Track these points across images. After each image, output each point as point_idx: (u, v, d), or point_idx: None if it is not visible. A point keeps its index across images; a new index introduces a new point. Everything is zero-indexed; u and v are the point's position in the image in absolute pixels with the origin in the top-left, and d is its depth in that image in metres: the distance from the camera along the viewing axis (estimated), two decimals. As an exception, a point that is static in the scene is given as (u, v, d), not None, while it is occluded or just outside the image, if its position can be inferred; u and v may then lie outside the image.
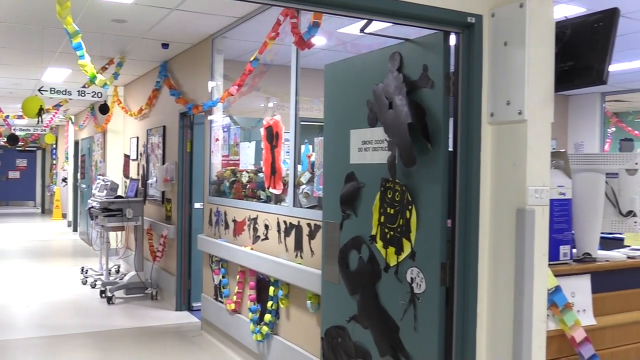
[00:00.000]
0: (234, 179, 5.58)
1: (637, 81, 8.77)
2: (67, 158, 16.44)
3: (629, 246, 3.32)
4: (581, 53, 2.81)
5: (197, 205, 6.93)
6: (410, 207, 2.92)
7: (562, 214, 2.73)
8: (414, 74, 2.92)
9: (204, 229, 6.20)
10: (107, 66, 7.64)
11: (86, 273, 8.88)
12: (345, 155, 3.41)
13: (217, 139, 6.04)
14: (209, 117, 6.14)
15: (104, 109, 9.07)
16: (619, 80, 8.68)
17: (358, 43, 6.14)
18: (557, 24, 2.78)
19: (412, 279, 2.91)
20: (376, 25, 2.90)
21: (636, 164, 2.96)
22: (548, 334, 2.65)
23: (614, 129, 10.38)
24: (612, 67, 7.32)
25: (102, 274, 8.41)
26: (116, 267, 9.11)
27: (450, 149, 2.83)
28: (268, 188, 4.85)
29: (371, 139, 3.20)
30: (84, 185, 13.37)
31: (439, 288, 2.78)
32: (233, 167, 5.78)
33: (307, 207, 4.28)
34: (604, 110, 10.01)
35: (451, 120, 2.83)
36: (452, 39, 2.82)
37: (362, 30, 2.99)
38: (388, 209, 3.07)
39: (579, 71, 2.80)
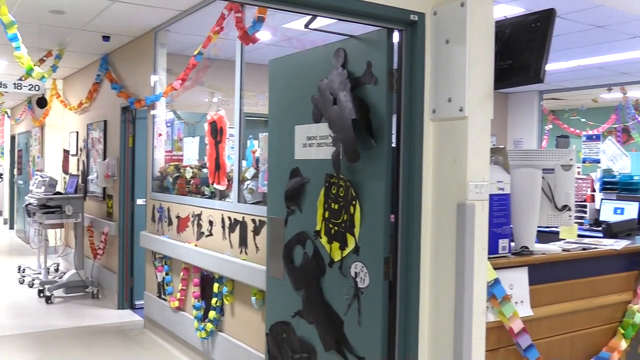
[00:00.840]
0: (177, 174, 5.50)
1: (572, 80, 9.08)
2: (2, 153, 15.86)
3: (564, 239, 3.45)
4: (519, 52, 2.88)
5: (139, 201, 6.80)
6: (354, 202, 2.94)
7: (501, 209, 2.80)
8: (358, 70, 2.94)
9: (146, 226, 6.09)
10: (45, 58, 7.40)
11: (23, 272, 8.60)
12: (290, 150, 3.40)
13: (160, 134, 5.94)
14: (152, 112, 6.03)
15: (42, 102, 8.79)
16: (555, 79, 8.96)
17: (303, 39, 6.14)
18: (497, 23, 2.84)
19: (356, 273, 2.93)
20: (321, 21, 2.90)
21: (571, 160, 3.06)
22: (487, 326, 2.72)
23: (551, 126, 10.72)
24: (549, 66, 7.55)
25: (40, 273, 8.15)
26: (55, 265, 8.85)
27: (394, 145, 2.86)
28: (212, 184, 4.81)
29: (316, 135, 3.21)
30: (21, 182, 12.94)
31: (382, 282, 2.81)
32: (176, 163, 5.70)
33: (252, 203, 4.26)
34: (541, 108, 10.32)
35: (394, 117, 2.86)
36: (396, 36, 2.85)
37: (306, 26, 2.99)
38: (332, 204, 3.09)
39: (517, 69, 2.87)
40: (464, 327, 2.62)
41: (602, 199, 8.39)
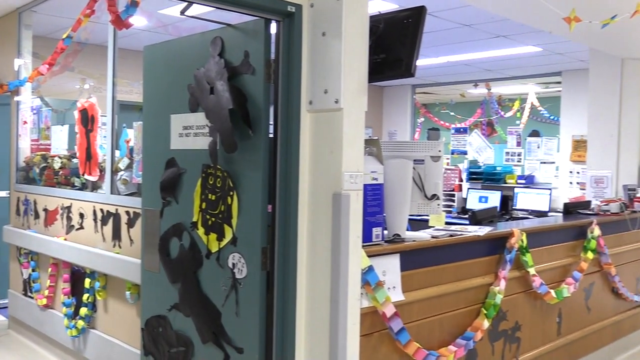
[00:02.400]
0: (44, 165, 5.20)
1: (442, 75, 9.54)
2: None
3: (433, 227, 3.62)
4: (392, 47, 2.98)
5: (2, 193, 6.36)
6: (231, 193, 2.92)
7: (374, 198, 2.89)
8: (235, 60, 2.91)
9: (10, 220, 5.71)
10: None
11: None
12: (166, 140, 3.32)
13: (25, 122, 5.57)
14: (16, 98, 5.64)
15: None
16: (427, 74, 9.38)
17: (179, 25, 5.99)
18: (371, 18, 2.92)
19: (233, 264, 2.92)
20: (198, 9, 2.85)
21: (439, 151, 3.22)
22: (362, 311, 2.80)
23: (423, 119, 11.20)
24: (421, 62, 7.85)
25: None
26: None
27: (271, 135, 2.87)
28: (83, 174, 4.59)
29: (192, 125, 3.15)
30: None
31: (260, 272, 2.82)
32: (44, 152, 5.38)
33: (126, 195, 4.12)
34: (414, 101, 10.76)
35: (272, 107, 2.87)
36: (273, 27, 2.85)
37: (182, 12, 2.92)
38: (209, 195, 3.05)
39: (390, 63, 2.97)
40: (339, 314, 2.69)
41: (468, 188, 8.91)
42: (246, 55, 2.86)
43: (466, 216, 6.34)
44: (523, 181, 8.96)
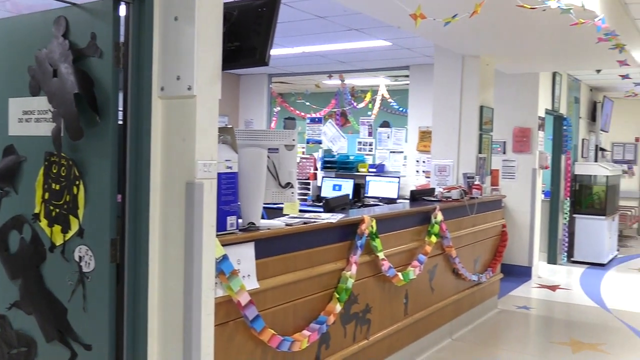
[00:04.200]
0: None
1: (298, 65, 9.67)
2: None
3: (287, 214, 3.67)
4: (247, 35, 2.97)
5: None
6: (77, 182, 2.78)
7: (229, 187, 2.87)
8: (81, 42, 2.76)
9: None
10: None
11: None
12: (3, 126, 3.08)
13: None
14: None
15: None
16: (283, 63, 9.46)
17: (19, 2, 5.56)
18: (225, 5, 2.89)
19: (80, 257, 2.78)
20: (37, -15, 2.66)
21: (293, 140, 3.27)
22: (216, 301, 2.78)
23: (279, 108, 11.30)
24: (277, 51, 7.89)
25: None
26: None
27: (121, 122, 2.75)
28: None
29: (33, 109, 2.95)
30: None
31: (109, 265, 2.70)
32: None
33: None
34: (270, 90, 10.82)
35: (121, 93, 2.76)
36: (123, 9, 2.73)
37: (20, -12, 2.71)
38: (53, 184, 2.87)
39: (245, 52, 2.96)
40: (193, 304, 2.65)
41: (323, 177, 9.14)
42: (93, 37, 2.71)
43: (321, 204, 6.50)
44: (374, 170, 9.36)
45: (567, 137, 9.48)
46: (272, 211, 4.22)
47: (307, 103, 11.39)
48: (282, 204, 3.49)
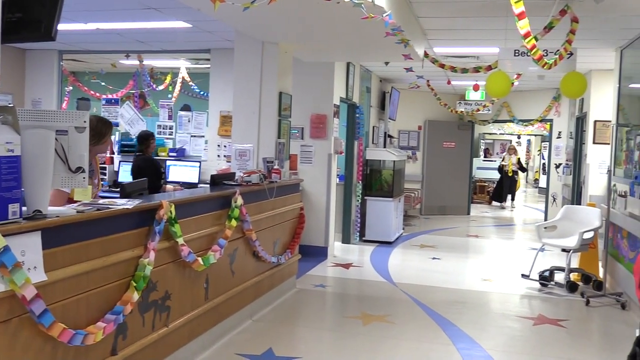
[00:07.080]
0: None
1: (93, 43, 9.11)
2: None
3: (79, 201, 3.46)
4: (30, 6, 2.74)
5: None
6: None
7: (10, 172, 2.63)
8: None
9: None
10: None
11: None
12: None
13: None
14: None
15: None
16: (75, 40, 8.85)
17: None
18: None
19: None
20: None
21: (85, 122, 3.07)
22: (-3, 297, 2.55)
23: (71, 87, 10.58)
24: (69, 26, 7.43)
25: None
26: None
27: None
28: None
29: None
30: None
31: None
32: None
33: None
34: (62, 68, 10.07)
35: None
36: None
37: None
38: None
39: (28, 24, 2.73)
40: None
41: (120, 161, 8.76)
42: None
43: (118, 190, 6.23)
44: (174, 154, 9.18)
45: (359, 124, 10.08)
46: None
47: (103, 83, 10.81)
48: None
